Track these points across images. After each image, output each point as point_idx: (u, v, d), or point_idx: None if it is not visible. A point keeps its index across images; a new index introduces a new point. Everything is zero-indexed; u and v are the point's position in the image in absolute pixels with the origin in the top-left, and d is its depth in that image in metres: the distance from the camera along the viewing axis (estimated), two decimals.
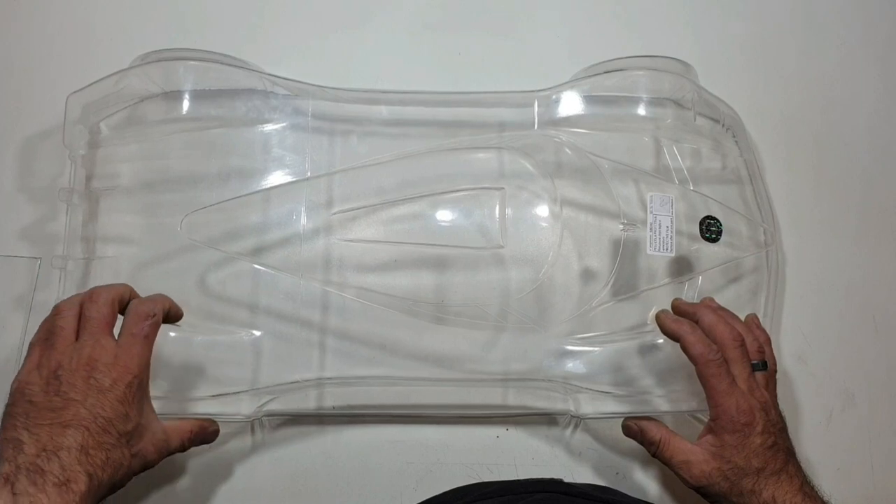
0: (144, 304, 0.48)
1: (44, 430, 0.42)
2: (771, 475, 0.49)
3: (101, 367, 0.44)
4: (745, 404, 0.50)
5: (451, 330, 0.60)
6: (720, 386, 0.50)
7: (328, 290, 0.60)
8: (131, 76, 0.59)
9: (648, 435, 0.54)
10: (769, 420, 0.50)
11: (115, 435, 0.44)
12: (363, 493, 0.59)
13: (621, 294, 0.60)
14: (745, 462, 0.49)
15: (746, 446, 0.50)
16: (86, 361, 0.44)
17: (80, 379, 0.44)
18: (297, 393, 0.59)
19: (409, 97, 0.63)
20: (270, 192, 0.60)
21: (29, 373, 0.45)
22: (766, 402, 0.51)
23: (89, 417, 0.43)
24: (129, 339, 0.46)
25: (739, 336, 0.52)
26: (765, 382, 0.53)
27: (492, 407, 0.60)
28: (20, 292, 0.61)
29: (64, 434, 0.42)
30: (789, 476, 0.50)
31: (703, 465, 0.51)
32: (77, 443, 0.42)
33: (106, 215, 0.60)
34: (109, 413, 0.44)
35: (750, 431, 0.50)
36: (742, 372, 0.51)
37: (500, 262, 0.60)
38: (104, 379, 0.44)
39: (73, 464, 0.41)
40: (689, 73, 0.63)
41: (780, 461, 0.50)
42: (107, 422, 0.43)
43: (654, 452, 0.54)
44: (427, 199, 0.61)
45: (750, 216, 0.63)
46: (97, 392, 0.44)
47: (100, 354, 0.45)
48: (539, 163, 0.62)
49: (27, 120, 0.64)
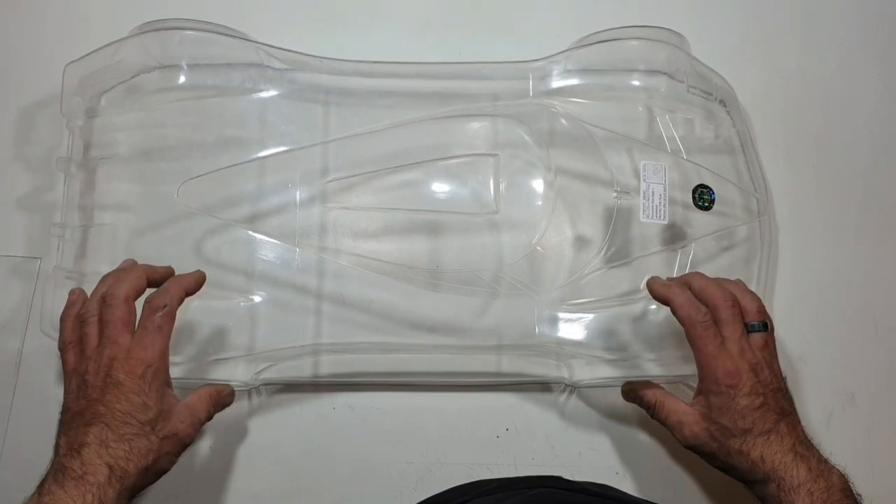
0: (157, 297, 0.50)
1: (72, 432, 0.45)
2: (759, 435, 0.49)
3: (116, 365, 0.47)
4: (732, 366, 0.50)
5: (445, 296, 0.60)
6: (707, 348, 0.50)
7: (324, 257, 0.60)
8: (128, 46, 0.60)
9: (645, 398, 0.55)
10: (759, 381, 0.50)
11: (136, 425, 0.46)
12: (363, 493, 0.59)
13: (614, 261, 0.61)
14: (732, 423, 0.49)
15: (731, 408, 0.49)
16: (105, 362, 0.47)
17: (99, 379, 0.46)
18: (293, 360, 0.59)
19: (404, 68, 0.63)
20: (266, 160, 0.61)
21: (69, 382, 0.48)
22: (757, 363, 0.50)
23: (107, 413, 0.45)
24: (141, 333, 0.48)
25: (731, 296, 0.52)
26: (762, 343, 0.51)
27: (486, 374, 0.60)
28: (20, 292, 0.61)
29: (87, 432, 0.45)
30: (780, 436, 0.49)
31: (694, 426, 0.51)
32: (97, 438, 0.45)
33: (103, 183, 0.61)
34: (126, 406, 0.46)
35: (735, 393, 0.49)
36: (733, 333, 0.51)
37: (494, 227, 0.61)
38: (118, 374, 0.46)
39: (93, 458, 0.44)
40: (683, 43, 0.64)
41: (769, 421, 0.49)
42: (125, 414, 0.46)
43: (652, 414, 0.54)
44: (422, 166, 0.61)
45: (742, 186, 0.64)
46: (113, 388, 0.46)
47: (116, 352, 0.47)
48: (533, 131, 0.62)
49: (24, 89, 0.65)
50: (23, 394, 0.59)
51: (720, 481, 0.60)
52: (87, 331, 0.48)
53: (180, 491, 0.58)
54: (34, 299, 0.61)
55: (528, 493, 0.52)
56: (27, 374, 0.60)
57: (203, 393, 0.52)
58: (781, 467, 0.48)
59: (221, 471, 0.59)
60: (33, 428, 0.59)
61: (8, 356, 0.60)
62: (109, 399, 0.46)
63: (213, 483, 0.58)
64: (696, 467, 0.60)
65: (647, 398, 0.55)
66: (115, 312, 0.48)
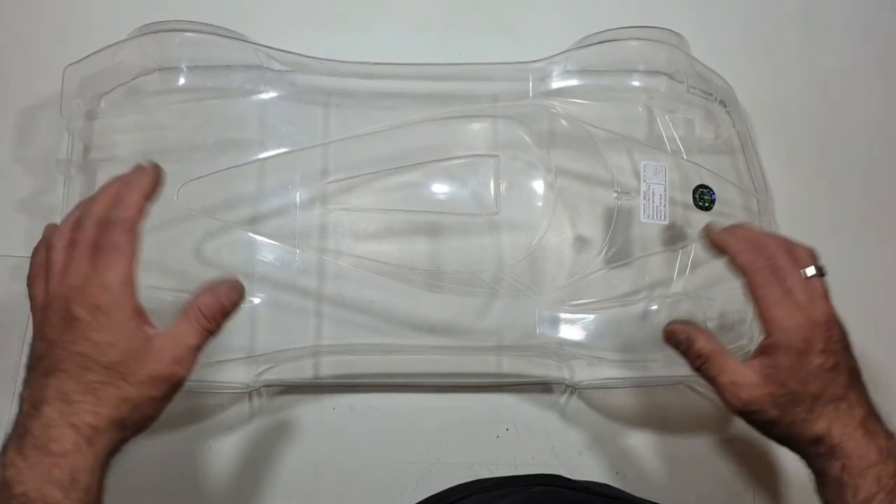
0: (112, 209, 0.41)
1: (34, 383, 0.38)
2: (829, 403, 0.43)
3: (73, 297, 0.39)
4: (803, 317, 0.44)
5: (445, 297, 0.60)
6: (772, 297, 0.44)
7: (324, 259, 0.60)
8: (128, 48, 0.60)
9: (696, 345, 0.46)
10: (831, 337, 0.44)
11: (100, 370, 0.38)
12: (363, 493, 0.59)
13: (615, 262, 0.61)
14: (801, 387, 0.43)
15: (804, 367, 0.43)
16: (64, 293, 0.39)
17: (58, 315, 0.39)
18: (293, 362, 0.59)
19: (404, 69, 0.63)
20: (266, 162, 0.61)
21: (34, 318, 0.41)
22: (828, 314, 0.45)
23: (66, 358, 0.38)
24: (97, 256, 0.39)
25: (787, 243, 0.47)
26: (824, 292, 0.46)
27: (487, 375, 0.61)
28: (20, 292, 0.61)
29: (46, 384, 0.37)
30: (850, 406, 0.43)
31: (754, 390, 0.44)
32: (57, 391, 0.37)
33: None
34: (84, 346, 0.38)
35: (808, 350, 0.43)
36: (797, 282, 0.45)
37: (495, 228, 0.61)
38: (76, 309, 0.38)
39: (55, 418, 0.37)
40: (683, 43, 0.64)
41: (841, 385, 0.44)
42: (84, 357, 0.38)
43: (698, 366, 0.46)
44: (422, 167, 0.61)
45: (742, 186, 0.64)
46: (71, 326, 0.38)
47: (76, 281, 0.39)
48: (534, 132, 0.62)
49: (24, 91, 0.65)
50: None
51: (720, 482, 0.60)
52: (54, 257, 0.40)
53: (181, 491, 0.58)
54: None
55: (527, 492, 0.52)
56: None
57: (192, 310, 0.42)
58: (851, 444, 0.42)
59: (222, 471, 0.59)
60: None
61: (8, 356, 0.60)
62: (67, 340, 0.38)
63: (213, 483, 0.58)
64: (696, 468, 0.61)
65: (698, 346, 0.46)
66: (84, 233, 0.40)
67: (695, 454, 0.61)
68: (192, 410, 0.59)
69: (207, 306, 0.42)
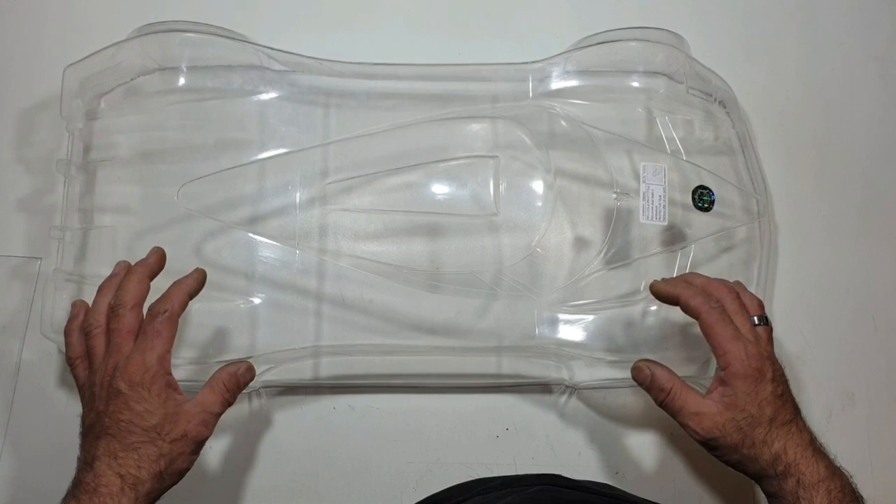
0: (159, 302, 0.49)
1: (86, 447, 0.46)
2: (782, 425, 0.48)
3: (117, 374, 0.46)
4: (754, 350, 0.49)
5: (445, 298, 0.60)
6: (726, 332, 0.49)
7: (324, 259, 0.60)
8: (128, 48, 0.60)
9: (658, 382, 0.51)
10: (776, 370, 0.49)
11: (140, 433, 0.46)
12: (363, 493, 0.59)
13: (614, 262, 0.61)
14: (758, 410, 0.48)
15: (759, 393, 0.48)
16: (109, 372, 0.47)
17: (104, 391, 0.47)
18: (293, 362, 0.59)
19: (404, 70, 0.63)
20: (266, 162, 0.61)
21: (81, 396, 0.49)
22: (771, 353, 0.50)
23: (112, 425, 0.45)
24: (140, 339, 0.48)
25: (735, 291, 0.52)
26: (768, 337, 0.51)
27: (486, 376, 0.61)
28: (20, 293, 0.61)
29: (97, 445, 0.45)
30: (799, 429, 0.49)
31: (717, 417, 0.48)
32: (106, 450, 0.45)
33: (103, 186, 0.61)
34: (128, 415, 0.46)
35: (761, 378, 0.48)
36: (744, 324, 0.50)
37: (494, 229, 0.61)
38: (119, 383, 0.46)
39: (104, 470, 0.44)
40: (682, 44, 0.64)
41: (789, 412, 0.49)
42: (128, 423, 0.45)
43: (661, 401, 0.51)
44: (422, 168, 0.61)
45: (742, 187, 0.64)
46: (115, 398, 0.46)
47: (118, 361, 0.47)
48: (533, 132, 0.62)
49: (24, 91, 0.65)
50: (23, 395, 0.60)
51: (720, 482, 0.60)
52: (93, 343, 0.48)
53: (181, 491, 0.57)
54: (34, 300, 0.61)
55: (527, 491, 0.52)
56: (27, 375, 0.60)
57: (216, 383, 0.50)
58: (803, 461, 0.47)
59: (222, 472, 0.59)
60: (33, 428, 0.59)
61: (8, 357, 0.60)
62: (112, 410, 0.46)
63: (214, 484, 0.59)
64: (696, 468, 0.61)
65: (661, 382, 0.50)
66: (122, 321, 0.48)
67: (694, 454, 0.61)
68: None
69: (228, 382, 0.50)
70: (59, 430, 0.58)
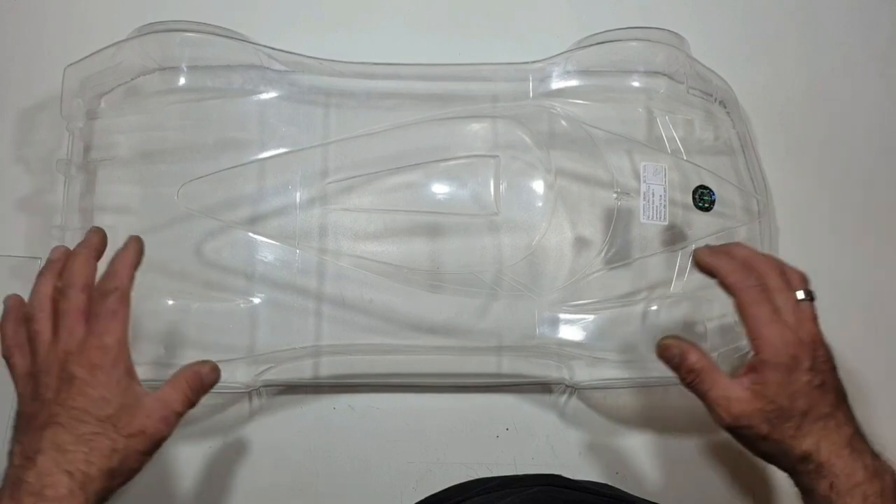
0: (105, 280, 0.45)
1: (26, 438, 0.41)
2: (817, 420, 0.44)
3: (71, 359, 0.42)
4: (791, 336, 0.45)
5: (445, 298, 0.60)
6: (762, 314, 0.45)
7: (324, 259, 0.60)
8: (128, 48, 0.60)
9: (688, 361, 0.46)
10: (817, 356, 0.45)
11: (94, 423, 0.41)
12: (363, 493, 0.59)
13: (614, 262, 0.61)
14: (790, 403, 0.44)
15: (792, 384, 0.44)
16: (60, 356, 0.42)
17: (53, 377, 0.42)
18: (293, 362, 0.59)
19: (404, 70, 0.63)
20: (266, 162, 0.61)
21: (20, 384, 0.44)
22: (815, 335, 0.46)
23: (62, 413, 0.41)
24: (94, 321, 0.43)
25: (779, 265, 0.48)
26: (813, 315, 0.47)
27: (487, 376, 0.61)
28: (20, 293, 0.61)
29: (41, 437, 0.40)
30: (837, 424, 0.44)
31: (745, 405, 0.44)
32: (52, 443, 0.40)
33: (103, 185, 0.61)
34: (82, 401, 0.41)
35: (796, 367, 0.44)
36: (787, 302, 0.46)
37: (494, 229, 0.61)
38: (73, 368, 0.42)
39: (50, 467, 0.39)
40: (682, 44, 0.64)
41: (828, 403, 0.44)
42: (80, 411, 0.41)
43: (689, 381, 0.47)
44: (422, 167, 0.61)
45: (742, 187, 0.64)
46: (69, 384, 0.42)
47: (70, 346, 0.43)
48: (533, 132, 0.62)
49: (24, 91, 0.65)
50: None
51: (720, 482, 0.60)
52: (38, 328, 0.43)
53: (181, 491, 0.58)
54: None
55: (527, 492, 0.52)
56: None
57: (179, 381, 0.45)
58: (839, 463, 0.43)
59: (222, 471, 0.59)
60: None
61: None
62: (64, 397, 0.41)
63: (213, 484, 0.59)
64: (697, 468, 0.61)
65: (690, 361, 0.46)
66: (71, 303, 0.43)
67: (694, 454, 0.61)
68: (193, 410, 0.59)
69: (192, 380, 0.46)
70: None
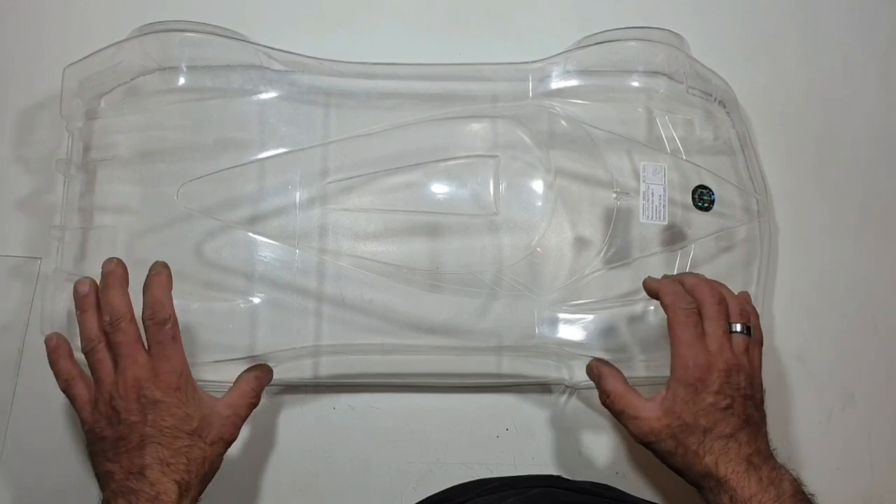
0: (155, 311, 0.49)
1: (124, 457, 0.46)
2: (718, 439, 0.47)
3: (145, 384, 0.47)
4: (704, 359, 0.48)
5: (445, 298, 0.60)
6: (684, 335, 0.49)
7: (324, 259, 0.60)
8: (128, 48, 0.60)
9: (603, 384, 0.53)
10: (729, 382, 0.48)
11: (186, 437, 0.47)
12: (363, 493, 0.59)
13: (614, 262, 0.61)
14: (693, 420, 0.48)
15: (696, 403, 0.48)
16: (132, 384, 0.47)
17: (132, 402, 0.47)
18: (293, 362, 0.59)
19: (404, 70, 0.63)
20: (266, 162, 0.61)
21: (91, 413, 0.48)
22: (734, 364, 0.49)
23: (156, 433, 0.46)
24: (159, 348, 0.48)
25: (721, 297, 0.51)
26: (744, 348, 0.50)
27: (486, 376, 0.61)
28: (20, 293, 0.61)
29: (142, 455, 0.46)
30: (738, 444, 0.47)
31: (654, 423, 0.49)
32: (155, 458, 0.46)
33: (103, 185, 0.60)
34: (172, 421, 0.47)
35: (702, 388, 0.48)
36: (716, 330, 0.49)
37: (494, 229, 0.61)
38: (153, 393, 0.47)
39: (160, 477, 0.45)
40: (682, 44, 0.64)
41: (731, 426, 0.48)
42: (173, 429, 0.47)
43: (604, 402, 0.52)
44: (422, 167, 0.61)
45: (742, 186, 0.64)
46: (152, 407, 0.47)
47: (140, 372, 0.47)
48: (533, 132, 0.62)
49: (24, 91, 0.65)
50: (23, 394, 0.60)
51: None
52: (97, 358, 0.48)
53: None
54: (34, 300, 0.61)
55: (527, 493, 0.52)
56: (27, 375, 0.60)
57: (244, 387, 0.52)
58: (734, 477, 0.47)
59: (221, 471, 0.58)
60: (33, 428, 0.59)
61: (8, 356, 0.60)
62: (153, 419, 0.46)
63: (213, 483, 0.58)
64: None
65: (604, 384, 0.52)
66: (126, 334, 0.48)
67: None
68: None
69: (254, 384, 0.53)
70: (59, 430, 0.59)
